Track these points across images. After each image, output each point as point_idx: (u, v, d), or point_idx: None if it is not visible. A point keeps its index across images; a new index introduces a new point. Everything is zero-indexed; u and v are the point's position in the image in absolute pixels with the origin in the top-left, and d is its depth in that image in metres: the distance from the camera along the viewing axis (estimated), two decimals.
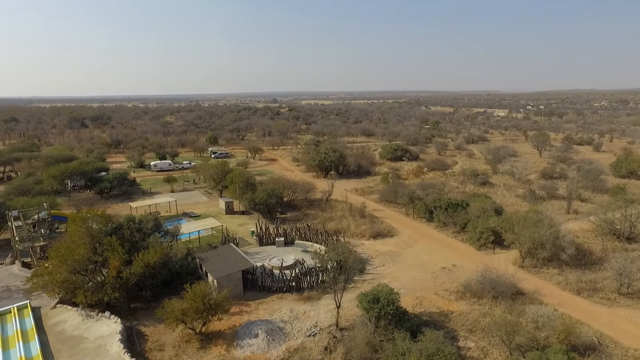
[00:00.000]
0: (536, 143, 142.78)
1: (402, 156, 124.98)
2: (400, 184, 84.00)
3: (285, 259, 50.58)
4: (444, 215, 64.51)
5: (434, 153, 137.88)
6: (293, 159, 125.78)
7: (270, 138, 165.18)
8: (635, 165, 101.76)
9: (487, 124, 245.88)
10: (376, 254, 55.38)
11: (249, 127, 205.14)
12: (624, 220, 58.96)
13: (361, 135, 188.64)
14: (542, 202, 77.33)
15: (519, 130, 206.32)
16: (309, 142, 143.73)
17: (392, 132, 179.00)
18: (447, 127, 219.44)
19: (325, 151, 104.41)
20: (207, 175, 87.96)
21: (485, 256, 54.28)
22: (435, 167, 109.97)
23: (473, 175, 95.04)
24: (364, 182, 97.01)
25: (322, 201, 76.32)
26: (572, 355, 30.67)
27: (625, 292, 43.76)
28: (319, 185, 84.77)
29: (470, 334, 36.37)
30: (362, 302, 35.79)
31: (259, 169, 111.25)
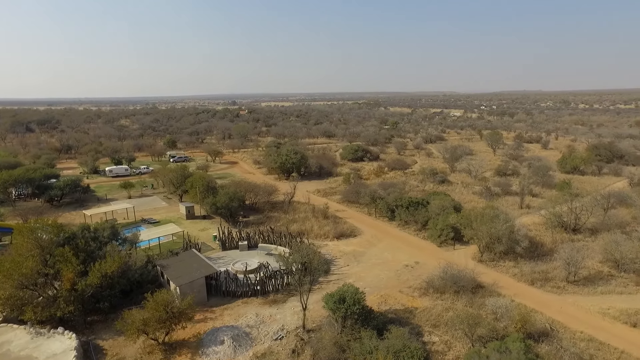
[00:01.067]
0: (490, 142, 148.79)
1: (362, 156, 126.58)
2: (361, 184, 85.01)
3: (249, 262, 49.93)
4: (405, 214, 65.89)
5: (393, 153, 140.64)
6: (254, 161, 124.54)
7: (231, 141, 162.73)
8: (578, 162, 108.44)
9: (444, 123, 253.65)
10: (340, 254, 55.75)
11: (209, 130, 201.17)
12: (570, 213, 62.55)
13: (322, 136, 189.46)
14: (498, 198, 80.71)
15: (474, 130, 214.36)
16: (270, 144, 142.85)
17: (352, 132, 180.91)
18: (405, 127, 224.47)
19: (286, 153, 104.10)
20: (166, 179, 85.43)
21: (446, 252, 55.93)
22: (395, 167, 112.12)
23: (432, 174, 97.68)
24: (326, 183, 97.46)
25: (285, 203, 76.02)
26: (528, 343, 32.28)
27: (572, 280, 46.49)
28: (281, 188, 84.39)
29: (434, 329, 37.35)
30: (328, 303, 35.93)
31: (219, 173, 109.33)
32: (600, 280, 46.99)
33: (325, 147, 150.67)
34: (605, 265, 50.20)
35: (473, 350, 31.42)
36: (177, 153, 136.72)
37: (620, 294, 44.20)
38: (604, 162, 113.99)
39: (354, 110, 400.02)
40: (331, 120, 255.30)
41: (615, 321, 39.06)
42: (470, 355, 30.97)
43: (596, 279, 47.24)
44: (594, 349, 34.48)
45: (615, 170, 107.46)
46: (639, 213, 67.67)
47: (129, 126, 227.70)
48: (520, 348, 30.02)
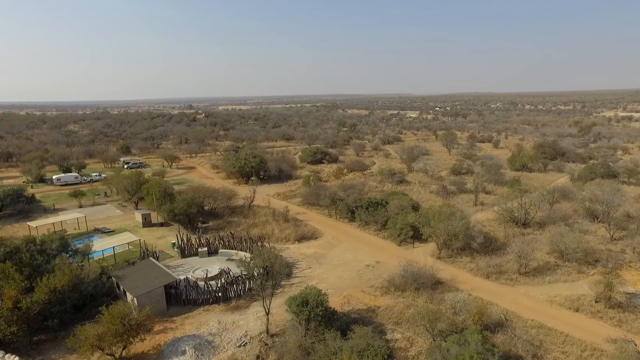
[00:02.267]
0: (445, 142, 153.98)
1: (322, 159, 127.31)
2: (321, 186, 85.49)
3: (209, 269, 48.95)
4: (365, 215, 66.88)
5: (352, 154, 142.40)
6: (212, 166, 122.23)
7: (188, 145, 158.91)
8: (526, 160, 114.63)
9: (401, 125, 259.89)
10: (302, 257, 55.79)
11: (164, 135, 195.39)
12: (520, 208, 65.87)
13: (281, 139, 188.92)
14: (454, 197, 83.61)
15: (430, 130, 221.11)
16: (228, 149, 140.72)
17: (311, 135, 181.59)
18: (363, 129, 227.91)
19: (245, 157, 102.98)
20: (120, 187, 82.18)
21: (406, 251, 57.27)
22: (354, 168, 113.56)
23: (390, 174, 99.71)
24: (285, 186, 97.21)
25: (245, 207, 75.16)
26: (485, 334, 33.70)
27: (523, 272, 49.03)
28: (241, 192, 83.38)
29: (396, 326, 38.15)
30: (291, 306, 35.87)
31: (177, 178, 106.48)
32: (548, 270, 49.82)
33: (285, 150, 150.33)
34: (552, 256, 53.25)
35: (434, 345, 32.36)
36: (131, 159, 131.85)
37: (565, 282, 47.11)
38: (549, 160, 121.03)
39: (313, 112, 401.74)
40: (290, 123, 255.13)
41: (561, 307, 41.64)
42: (431, 349, 31.88)
43: (544, 269, 50.04)
44: (543, 335, 36.60)
45: (558, 167, 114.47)
46: (579, 206, 72.26)
47: (78, 132, 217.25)
48: (478, 339, 31.30)
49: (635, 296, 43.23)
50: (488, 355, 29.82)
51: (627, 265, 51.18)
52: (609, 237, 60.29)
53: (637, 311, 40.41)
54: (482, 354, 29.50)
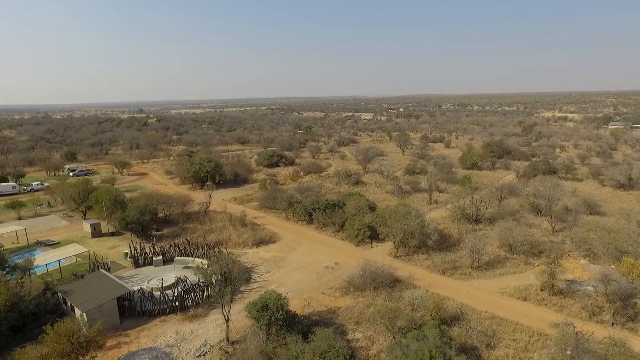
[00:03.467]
0: (399, 142, 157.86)
1: (278, 162, 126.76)
2: (278, 190, 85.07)
3: (165, 278, 47.35)
4: (322, 216, 67.21)
5: (308, 157, 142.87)
6: (166, 171, 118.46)
7: (139, 151, 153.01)
8: (475, 158, 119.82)
9: (356, 126, 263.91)
10: (261, 261, 55.23)
11: (114, 140, 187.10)
12: (472, 205, 68.69)
13: (236, 143, 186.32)
14: (409, 196, 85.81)
15: (384, 132, 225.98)
16: (181, 153, 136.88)
17: (266, 138, 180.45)
18: (319, 131, 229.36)
19: (199, 162, 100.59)
20: (65, 196, 77.72)
21: (364, 251, 58.07)
22: (311, 171, 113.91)
23: (346, 175, 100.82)
24: (242, 191, 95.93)
25: (201, 213, 73.37)
26: (443, 328, 34.88)
27: (477, 266, 51.17)
28: (196, 197, 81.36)
29: (357, 326, 38.57)
30: (252, 312, 35.36)
31: (128, 185, 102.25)
32: (498, 263, 52.28)
33: (240, 154, 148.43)
34: (502, 250, 55.91)
35: (395, 342, 32.99)
36: (77, 166, 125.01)
37: (513, 273, 49.68)
38: (497, 158, 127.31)
39: (268, 116, 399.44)
40: (245, 127, 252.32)
41: (510, 298, 43.89)
42: (392, 347, 32.48)
43: (495, 262, 52.45)
44: (495, 325, 38.39)
45: (505, 165, 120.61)
46: (525, 201, 76.41)
47: (15, 138, 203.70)
48: (436, 334, 32.31)
49: (574, 283, 46.42)
50: (446, 349, 30.79)
51: (567, 255, 54.79)
52: (551, 229, 64.22)
53: (576, 296, 43.46)
54: (440, 348, 30.44)
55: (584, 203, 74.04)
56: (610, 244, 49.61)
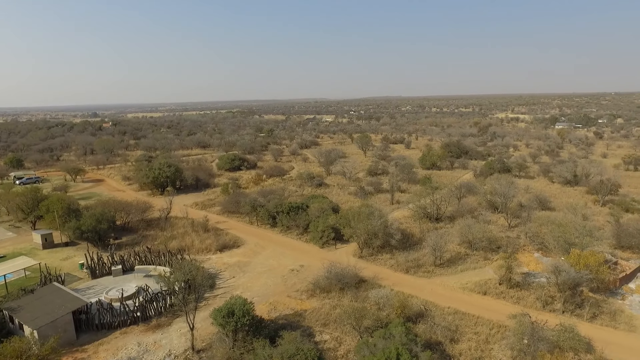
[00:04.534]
0: (360, 144, 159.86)
1: (240, 165, 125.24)
2: (241, 194, 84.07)
3: (125, 288, 45.62)
4: (286, 219, 66.98)
5: (271, 160, 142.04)
6: (123, 177, 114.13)
7: (94, 157, 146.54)
8: (435, 159, 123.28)
9: (317, 129, 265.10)
10: (225, 266, 54.34)
11: (66, 146, 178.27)
12: (433, 204, 70.57)
13: (196, 147, 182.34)
14: (371, 197, 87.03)
15: (345, 134, 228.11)
16: (140, 159, 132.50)
17: (228, 142, 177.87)
18: (281, 134, 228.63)
19: (159, 167, 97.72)
20: (11, 205, 73.24)
21: (329, 252, 58.33)
22: (273, 174, 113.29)
23: (309, 178, 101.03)
24: (204, 195, 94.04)
25: (162, 220, 71.28)
26: (408, 325, 35.68)
27: (439, 264, 52.62)
28: (156, 203, 78.97)
29: (324, 328, 38.67)
30: (217, 318, 34.71)
31: (82, 193, 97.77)
32: (459, 260, 54.00)
33: (201, 158, 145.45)
34: (462, 247, 57.82)
35: (362, 342, 33.33)
36: (24, 174, 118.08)
37: (474, 269, 51.49)
38: (455, 158, 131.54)
39: (229, 119, 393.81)
40: (205, 130, 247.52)
41: (471, 293, 45.47)
42: (359, 346, 32.79)
43: (456, 259, 54.14)
44: (458, 320, 39.65)
45: (463, 164, 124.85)
46: (482, 199, 79.34)
47: None
48: (402, 331, 32.95)
49: (529, 275, 48.74)
50: (412, 345, 31.43)
51: (522, 249, 57.40)
52: (507, 225, 67.08)
53: (531, 288, 45.68)
54: (407, 345, 31.05)
55: (536, 199, 77.82)
56: (559, 237, 52.44)
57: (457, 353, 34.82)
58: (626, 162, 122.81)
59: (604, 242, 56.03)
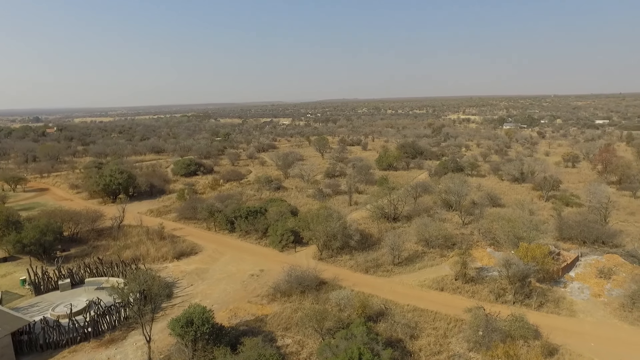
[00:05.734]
0: (318, 147, 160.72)
1: (196, 170, 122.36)
2: (197, 199, 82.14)
3: (74, 303, 43.22)
4: (245, 224, 66.09)
5: (227, 164, 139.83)
6: (71, 185, 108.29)
7: (37, 164, 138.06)
8: (391, 159, 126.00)
9: (275, 132, 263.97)
10: (182, 274, 52.82)
11: (3, 153, 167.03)
12: (390, 204, 72.00)
13: (150, 152, 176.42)
14: (329, 199, 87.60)
15: (303, 136, 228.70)
16: (89, 165, 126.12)
17: (183, 147, 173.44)
18: (237, 137, 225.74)
19: (110, 173, 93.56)
20: None
21: (289, 256, 58.07)
22: (230, 178, 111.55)
23: (267, 181, 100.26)
24: (159, 202, 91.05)
25: (114, 229, 68.22)
26: (369, 325, 36.13)
27: (397, 262, 53.70)
28: (108, 212, 75.57)
29: (286, 332, 38.41)
30: (175, 329, 33.61)
31: (24, 203, 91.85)
32: (417, 258, 55.36)
33: (155, 164, 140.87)
34: (419, 245, 59.31)
35: (324, 344, 33.36)
36: None
37: (431, 266, 52.96)
38: (410, 158, 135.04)
39: (183, 123, 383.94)
40: (159, 135, 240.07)
41: (429, 290, 46.75)
42: (322, 348, 32.81)
43: (414, 257, 55.46)
44: (417, 316, 40.62)
45: (418, 165, 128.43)
46: (437, 198, 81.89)
47: None
48: (363, 331, 33.31)
49: (482, 270, 50.77)
50: (373, 344, 31.84)
51: (476, 245, 59.64)
52: (461, 222, 69.58)
53: (484, 282, 47.62)
54: (368, 344, 31.42)
55: (487, 197, 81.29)
56: (509, 232, 55.06)
57: (417, 349, 35.64)
58: (565, 160, 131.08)
59: (548, 235, 59.48)
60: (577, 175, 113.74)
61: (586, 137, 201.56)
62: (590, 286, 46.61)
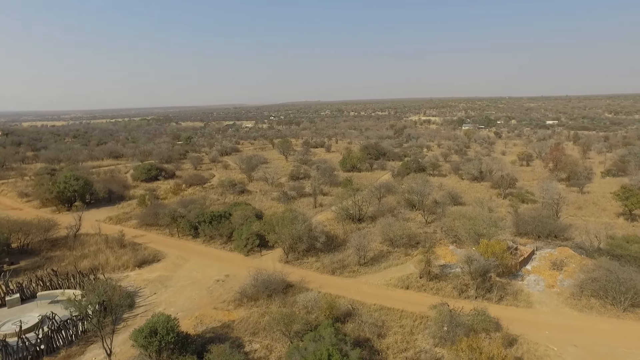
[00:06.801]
0: (282, 149, 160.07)
1: (157, 175, 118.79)
2: (159, 205, 79.84)
3: (25, 319, 40.74)
4: (209, 229, 64.85)
5: (190, 168, 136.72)
6: (20, 194, 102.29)
7: None
8: (355, 161, 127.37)
9: (238, 135, 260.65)
10: (145, 283, 51.12)
11: None
12: (354, 205, 72.68)
13: (108, 157, 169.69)
14: (294, 201, 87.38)
15: (266, 139, 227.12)
16: (40, 172, 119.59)
17: (143, 151, 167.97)
18: (200, 141, 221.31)
19: (65, 180, 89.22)
20: None
21: (254, 260, 57.44)
22: (193, 183, 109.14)
23: (231, 185, 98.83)
24: (118, 209, 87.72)
25: (69, 238, 65.07)
26: (337, 326, 36.25)
27: (363, 263, 54.27)
28: (63, 221, 71.97)
29: (254, 337, 37.94)
30: (138, 339, 32.49)
31: None
32: (382, 257, 56.16)
33: (114, 169, 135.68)
34: (384, 245, 60.18)
35: (292, 347, 33.18)
36: None
37: (396, 265, 53.87)
38: (374, 160, 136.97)
39: (143, 127, 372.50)
40: (117, 139, 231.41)
41: (395, 288, 47.52)
42: (290, 352, 32.61)
43: (379, 257, 56.23)
44: (384, 315, 41.19)
45: (382, 165, 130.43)
46: (401, 198, 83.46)
47: None
48: (331, 332, 33.38)
49: (445, 267, 52.19)
50: (342, 345, 31.98)
51: (439, 243, 61.22)
52: (424, 221, 71.23)
53: (448, 278, 48.94)
54: (337, 345, 31.52)
55: (448, 195, 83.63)
56: (470, 229, 56.89)
57: (385, 347, 36.11)
58: (520, 159, 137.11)
59: (506, 231, 62.03)
60: (531, 173, 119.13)
61: (538, 137, 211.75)
62: (545, 278, 48.98)
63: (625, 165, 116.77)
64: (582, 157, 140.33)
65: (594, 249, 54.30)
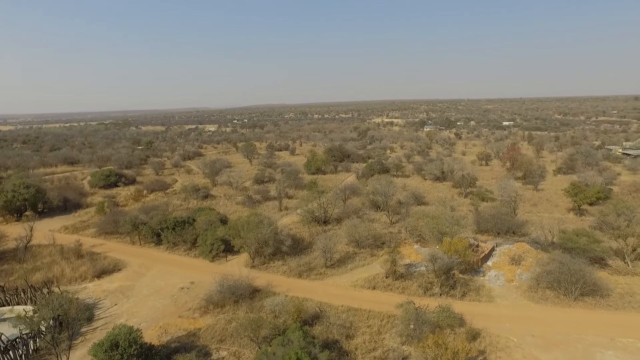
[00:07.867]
0: (246, 153, 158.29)
1: (116, 182, 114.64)
2: (119, 212, 77.05)
3: None
4: (172, 235, 63.18)
5: (151, 174, 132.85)
6: None
7: None
8: (319, 163, 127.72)
9: (200, 139, 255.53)
10: (105, 294, 49.08)
11: None
12: (320, 208, 72.85)
13: (62, 164, 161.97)
14: (259, 205, 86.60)
15: (230, 143, 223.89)
16: None
17: (101, 157, 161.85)
18: (161, 145, 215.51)
19: (13, 188, 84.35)
20: None
21: (220, 266, 56.42)
22: (155, 188, 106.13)
23: (194, 190, 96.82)
24: (74, 217, 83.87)
25: (19, 250, 61.51)
26: (305, 329, 36.11)
27: (330, 265, 54.44)
28: (11, 232, 68.19)
29: (221, 344, 37.21)
30: (98, 354, 31.12)
31: None
32: (349, 259, 56.53)
33: (69, 176, 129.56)
34: (350, 246, 60.63)
35: (261, 352, 32.76)
36: None
37: (362, 266, 54.37)
38: (338, 162, 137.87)
39: (100, 131, 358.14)
40: (73, 145, 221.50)
41: (362, 289, 47.93)
42: (259, 357, 32.19)
43: (346, 258, 56.57)
44: (352, 316, 41.46)
45: (346, 168, 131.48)
46: (365, 199, 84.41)
47: None
48: (300, 336, 33.19)
49: (410, 266, 53.16)
50: (310, 348, 31.88)
51: (404, 242, 62.29)
52: (389, 222, 72.32)
53: (413, 277, 49.88)
54: (305, 348, 31.39)
55: (412, 196, 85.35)
56: (433, 228, 58.25)
57: (354, 348, 36.32)
58: (480, 159, 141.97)
59: (468, 229, 64.02)
60: (490, 172, 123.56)
61: (496, 137, 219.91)
62: (505, 273, 50.88)
63: (574, 163, 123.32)
64: (536, 157, 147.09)
65: (548, 243, 56.95)
